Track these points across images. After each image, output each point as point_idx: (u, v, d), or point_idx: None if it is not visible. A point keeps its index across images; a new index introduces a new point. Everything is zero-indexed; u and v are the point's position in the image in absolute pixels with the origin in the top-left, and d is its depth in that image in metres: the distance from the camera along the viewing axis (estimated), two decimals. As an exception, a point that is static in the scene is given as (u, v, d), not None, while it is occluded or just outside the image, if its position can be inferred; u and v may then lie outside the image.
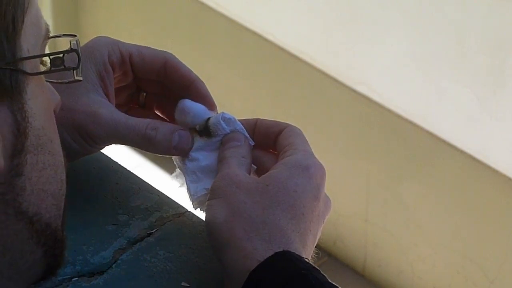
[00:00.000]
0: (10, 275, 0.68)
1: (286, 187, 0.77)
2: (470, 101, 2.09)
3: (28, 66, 0.64)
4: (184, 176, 0.85)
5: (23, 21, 0.64)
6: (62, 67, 0.68)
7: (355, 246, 2.48)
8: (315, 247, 0.80)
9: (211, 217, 0.77)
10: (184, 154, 0.85)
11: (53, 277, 0.74)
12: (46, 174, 0.68)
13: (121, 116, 0.83)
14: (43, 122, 0.67)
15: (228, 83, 2.57)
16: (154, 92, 0.90)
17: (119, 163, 0.93)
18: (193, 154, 0.85)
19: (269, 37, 2.42)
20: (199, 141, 0.85)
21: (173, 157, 0.86)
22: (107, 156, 0.93)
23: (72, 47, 0.71)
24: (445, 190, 2.25)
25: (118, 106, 0.87)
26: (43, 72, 0.67)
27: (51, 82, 0.71)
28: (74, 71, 0.71)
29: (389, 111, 2.25)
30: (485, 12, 2.01)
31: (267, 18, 2.43)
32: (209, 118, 0.85)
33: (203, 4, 2.55)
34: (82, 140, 0.82)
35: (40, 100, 0.66)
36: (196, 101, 0.86)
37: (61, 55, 0.68)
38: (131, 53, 0.87)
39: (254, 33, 2.45)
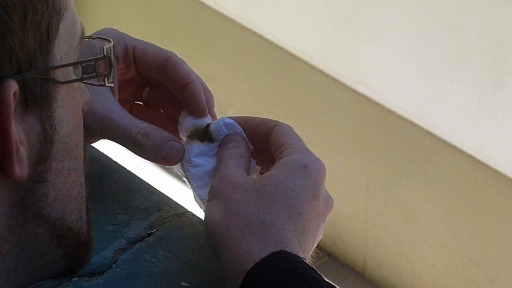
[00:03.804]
0: (26, 270, 0.68)
1: (283, 187, 0.76)
2: (470, 101, 2.09)
3: (59, 74, 0.64)
4: (190, 183, 0.85)
5: (57, 30, 0.63)
6: (94, 74, 0.67)
7: (355, 246, 2.47)
8: (316, 247, 0.79)
9: (208, 218, 0.77)
10: (172, 165, 0.84)
11: (72, 276, 0.74)
12: (70, 179, 0.67)
13: (115, 114, 0.82)
14: (70, 128, 0.66)
15: (228, 83, 2.57)
16: (159, 86, 0.89)
17: (119, 163, 0.93)
18: (195, 159, 0.84)
19: (269, 37, 2.42)
20: (200, 147, 0.85)
21: (174, 166, 0.86)
22: (107, 156, 0.93)
23: (105, 53, 0.71)
24: (445, 190, 2.25)
25: (123, 101, 0.86)
26: (74, 80, 0.66)
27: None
28: (106, 78, 0.70)
29: (389, 111, 2.25)
30: (485, 12, 2.01)
31: (267, 18, 2.43)
32: (209, 124, 0.85)
33: (203, 4, 2.55)
34: None
35: (69, 107, 0.66)
36: (187, 103, 0.85)
37: (93, 62, 0.67)
38: (135, 46, 0.86)
39: (254, 33, 2.45)
